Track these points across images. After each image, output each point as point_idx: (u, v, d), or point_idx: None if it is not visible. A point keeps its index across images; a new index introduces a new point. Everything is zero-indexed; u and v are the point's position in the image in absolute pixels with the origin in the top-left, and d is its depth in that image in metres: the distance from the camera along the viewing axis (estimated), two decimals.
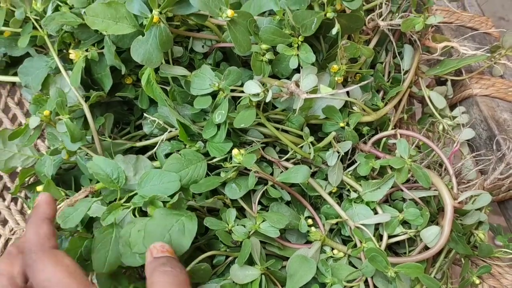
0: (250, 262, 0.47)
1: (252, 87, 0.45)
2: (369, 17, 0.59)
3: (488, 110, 0.61)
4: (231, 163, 0.49)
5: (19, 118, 0.65)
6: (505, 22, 1.79)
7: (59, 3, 0.51)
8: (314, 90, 0.43)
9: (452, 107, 0.66)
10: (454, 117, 0.61)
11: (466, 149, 0.60)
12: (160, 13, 0.45)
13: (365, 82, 0.47)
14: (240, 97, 0.48)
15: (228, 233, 0.49)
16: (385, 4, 0.59)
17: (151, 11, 0.45)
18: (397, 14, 0.59)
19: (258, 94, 0.45)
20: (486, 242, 0.54)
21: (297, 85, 0.43)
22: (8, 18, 0.58)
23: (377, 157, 0.52)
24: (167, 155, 0.52)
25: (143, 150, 0.56)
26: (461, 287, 0.54)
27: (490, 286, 0.55)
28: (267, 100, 0.44)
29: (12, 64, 0.64)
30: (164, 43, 0.46)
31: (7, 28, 0.58)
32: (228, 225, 0.49)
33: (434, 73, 0.61)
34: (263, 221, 0.48)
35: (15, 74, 0.64)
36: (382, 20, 0.58)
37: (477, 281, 0.54)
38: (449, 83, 0.63)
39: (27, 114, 0.65)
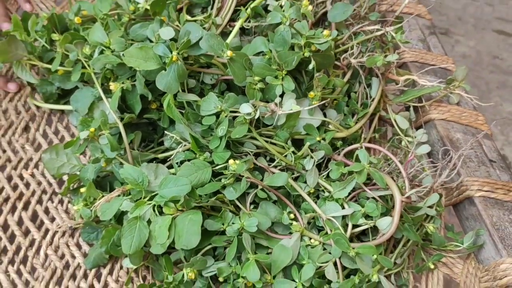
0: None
1: (245, 108, 0.61)
2: (343, 56, 0.74)
3: (444, 131, 0.75)
4: (229, 171, 0.63)
5: (66, 138, 0.81)
6: (500, 61, 1.93)
7: (104, 48, 0.68)
8: (290, 107, 0.58)
9: (418, 128, 0.79)
10: (415, 137, 0.75)
11: (425, 161, 0.73)
12: (178, 53, 0.61)
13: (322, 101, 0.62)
14: (237, 116, 0.63)
15: (224, 231, 0.63)
16: (356, 46, 0.74)
17: (171, 52, 0.62)
18: (365, 54, 0.74)
19: (250, 113, 0.60)
20: (438, 234, 0.66)
21: (276, 105, 0.58)
22: (62, 60, 0.75)
23: (347, 164, 0.66)
24: (182, 162, 0.66)
25: (164, 160, 0.71)
26: (417, 271, 0.66)
27: (443, 273, 0.67)
28: (256, 117, 0.59)
29: (62, 96, 0.81)
30: (180, 76, 0.62)
31: (62, 67, 0.75)
32: (223, 225, 0.63)
33: (398, 100, 0.76)
34: (250, 217, 0.61)
35: (65, 103, 0.81)
36: (354, 58, 0.73)
37: (432, 266, 0.66)
38: (411, 108, 0.77)
39: (72, 136, 0.82)
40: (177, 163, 0.66)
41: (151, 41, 0.66)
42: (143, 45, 0.63)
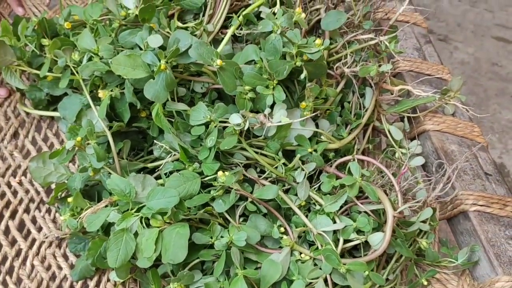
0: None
1: (235, 119, 0.59)
2: (337, 65, 0.73)
3: (438, 143, 0.73)
4: (218, 182, 0.62)
5: (56, 145, 0.80)
6: (499, 68, 1.92)
7: (92, 55, 0.67)
8: (279, 119, 0.57)
9: (413, 139, 0.78)
10: (409, 148, 0.73)
11: (419, 175, 0.72)
12: (166, 62, 0.60)
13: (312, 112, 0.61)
14: (227, 126, 0.62)
15: (212, 244, 0.61)
16: (350, 55, 0.73)
17: (159, 60, 0.60)
18: (359, 63, 0.73)
19: (239, 124, 0.59)
20: (432, 249, 0.65)
21: (266, 116, 0.57)
22: (51, 66, 0.74)
23: (339, 177, 0.65)
24: (171, 173, 0.65)
25: (153, 170, 0.70)
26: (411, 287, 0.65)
27: None
28: (245, 128, 0.58)
29: (52, 102, 0.80)
30: (169, 85, 0.61)
31: (51, 73, 0.74)
32: (212, 238, 0.61)
33: (392, 111, 0.74)
34: (239, 231, 0.60)
35: (54, 110, 0.80)
36: (347, 67, 0.72)
37: (425, 283, 0.64)
38: (405, 119, 0.76)
39: (61, 143, 0.80)
40: (166, 173, 0.65)
41: (140, 49, 0.65)
42: (131, 53, 0.61)
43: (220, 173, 0.60)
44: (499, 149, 1.65)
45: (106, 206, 0.64)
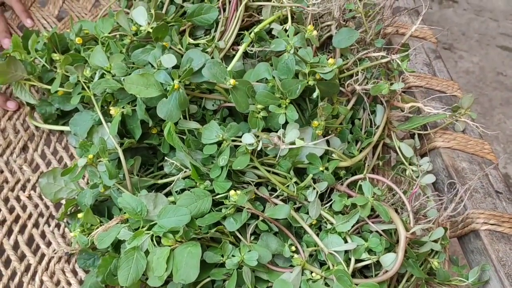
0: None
1: (247, 138, 0.59)
2: (348, 82, 0.73)
3: (449, 160, 0.73)
4: (230, 201, 0.61)
5: (65, 159, 0.80)
6: (504, 77, 1.92)
7: (104, 72, 0.67)
8: (293, 142, 0.57)
9: (423, 155, 0.78)
10: (420, 165, 0.73)
11: (430, 192, 0.72)
12: (180, 82, 0.60)
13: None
14: (239, 145, 0.62)
15: (223, 263, 0.61)
16: (361, 72, 0.73)
17: (173, 80, 0.60)
18: (370, 81, 0.73)
19: (252, 144, 0.59)
20: (443, 269, 0.65)
21: (279, 138, 0.57)
22: (62, 81, 0.74)
23: (350, 196, 0.65)
24: (182, 190, 0.65)
25: (163, 186, 0.70)
26: None
27: None
28: (258, 149, 0.58)
29: (62, 116, 0.80)
30: (182, 104, 0.61)
31: (62, 88, 0.74)
32: (223, 257, 0.61)
33: (403, 128, 0.74)
34: (249, 250, 0.60)
35: (64, 124, 0.80)
36: (358, 85, 0.72)
37: None
38: (416, 136, 0.76)
39: (71, 157, 0.80)
40: (176, 191, 0.65)
41: (152, 66, 0.65)
42: (144, 72, 0.61)
43: (232, 192, 0.60)
44: (504, 159, 1.65)
45: (117, 223, 0.64)
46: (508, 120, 1.75)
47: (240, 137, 0.62)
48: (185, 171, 0.66)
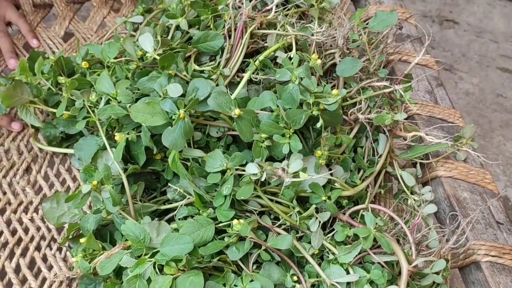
0: None
1: (251, 168, 0.60)
2: (350, 111, 0.74)
3: (450, 190, 0.74)
4: (232, 230, 0.62)
5: (68, 182, 0.80)
6: (503, 99, 1.93)
7: (110, 98, 0.68)
8: (297, 175, 0.57)
9: (425, 184, 0.78)
10: (422, 194, 0.74)
11: (431, 222, 0.72)
12: (185, 111, 0.61)
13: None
14: (243, 174, 0.62)
15: None
16: (364, 101, 0.73)
17: (178, 109, 0.61)
18: (373, 109, 0.74)
19: (256, 174, 0.59)
20: None
21: (283, 170, 0.57)
22: (67, 104, 0.75)
23: (353, 226, 0.65)
24: (185, 217, 0.65)
25: (166, 211, 0.70)
26: None
27: None
28: (262, 180, 0.59)
29: (66, 138, 0.80)
30: (187, 133, 0.61)
31: (67, 112, 0.74)
32: (225, 286, 0.61)
33: (405, 157, 0.75)
34: (251, 280, 0.60)
35: (68, 146, 0.80)
36: (361, 114, 0.72)
37: None
38: (418, 165, 0.76)
39: (74, 179, 0.81)
40: (179, 218, 0.65)
41: (159, 95, 0.66)
42: (150, 100, 0.62)
43: (235, 221, 0.61)
44: (503, 182, 1.65)
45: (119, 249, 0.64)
46: (508, 142, 1.76)
47: (244, 165, 0.63)
48: (188, 198, 0.67)
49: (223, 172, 0.63)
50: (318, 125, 0.65)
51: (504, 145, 1.75)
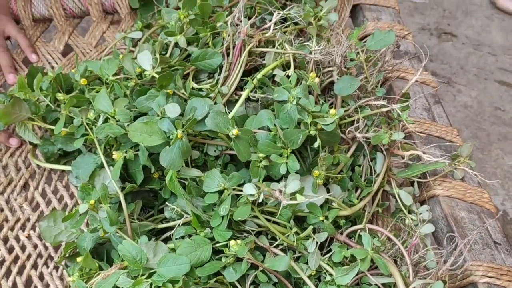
0: None
1: (249, 189, 0.60)
2: (348, 129, 0.74)
3: (448, 209, 0.74)
4: (230, 251, 0.61)
5: (65, 198, 0.80)
6: (502, 112, 1.93)
7: (108, 116, 0.68)
8: (295, 197, 0.57)
9: (422, 203, 0.78)
10: (420, 213, 0.74)
11: (429, 241, 0.72)
12: (183, 131, 0.61)
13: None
14: (240, 194, 0.62)
15: None
16: (362, 119, 0.74)
17: (176, 129, 0.61)
18: (371, 128, 0.74)
19: (253, 195, 0.59)
20: None
21: (281, 191, 0.57)
22: (65, 121, 0.75)
23: (350, 246, 0.65)
24: (182, 237, 0.65)
25: (163, 230, 0.70)
26: None
27: None
28: (259, 201, 0.58)
29: (64, 155, 0.80)
30: (184, 153, 0.61)
31: (65, 129, 0.74)
32: None
33: (402, 175, 0.75)
34: None
35: (65, 163, 0.80)
36: (359, 132, 0.73)
37: None
38: (415, 184, 0.77)
39: (71, 196, 0.80)
40: (176, 238, 0.65)
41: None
42: (148, 120, 0.62)
43: (232, 242, 0.60)
44: (502, 196, 1.65)
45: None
46: (506, 155, 1.76)
47: (242, 185, 0.63)
48: (185, 217, 0.67)
49: (220, 192, 0.63)
50: (316, 145, 0.65)
51: (503, 159, 1.75)
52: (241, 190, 0.62)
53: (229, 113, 0.71)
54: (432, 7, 2.33)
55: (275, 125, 0.66)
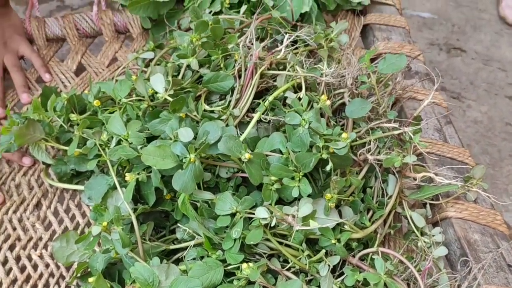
0: None
1: (261, 213, 0.60)
2: (360, 151, 0.74)
3: (461, 231, 0.73)
4: (242, 273, 0.61)
5: (77, 217, 0.80)
6: None
7: (121, 139, 0.68)
8: (307, 223, 0.57)
9: (435, 225, 0.78)
10: (433, 235, 0.73)
11: (442, 264, 0.72)
12: (195, 155, 0.61)
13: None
14: (253, 217, 0.62)
15: None
16: (373, 141, 0.74)
17: (189, 153, 0.62)
18: (383, 150, 0.74)
19: (266, 218, 0.59)
20: None
21: (293, 217, 0.57)
22: (79, 142, 0.75)
23: (363, 269, 0.65)
24: (193, 259, 0.65)
25: (175, 250, 0.70)
26: None
27: None
28: (272, 225, 0.59)
29: (76, 174, 0.81)
30: (197, 176, 0.62)
31: (78, 149, 0.75)
32: None
33: (414, 197, 0.74)
34: None
35: (78, 182, 0.81)
36: (370, 154, 0.73)
37: None
38: (428, 206, 0.76)
39: (83, 215, 0.81)
40: (188, 260, 0.65)
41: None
42: (161, 144, 0.63)
43: (244, 265, 0.60)
44: None
45: None
46: None
47: (254, 207, 0.63)
48: (197, 238, 0.67)
49: (232, 215, 0.64)
50: (328, 168, 0.65)
51: None
52: (253, 213, 0.62)
53: (240, 135, 0.72)
54: (440, 22, 2.33)
55: (287, 149, 0.66)
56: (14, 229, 0.78)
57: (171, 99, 0.69)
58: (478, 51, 2.20)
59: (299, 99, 0.74)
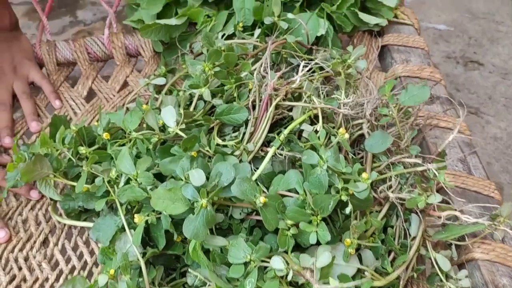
0: None
1: (277, 263, 0.56)
2: (380, 188, 0.70)
3: (488, 275, 0.69)
4: None
5: (85, 256, 0.77)
6: None
7: (130, 178, 0.65)
8: (327, 281, 0.53)
9: (460, 266, 0.73)
10: (459, 279, 0.69)
11: None
12: (207, 200, 0.58)
13: None
14: (267, 266, 0.58)
15: None
16: (394, 178, 0.70)
17: (200, 197, 0.58)
18: (405, 187, 0.70)
19: (281, 270, 0.56)
20: None
21: (311, 271, 0.54)
22: (87, 177, 0.73)
23: None
24: None
25: None
26: None
27: None
28: (288, 279, 0.55)
29: (85, 211, 0.78)
30: (209, 222, 0.58)
31: (87, 185, 0.72)
32: None
33: (439, 237, 0.70)
34: None
35: (85, 219, 0.78)
36: (392, 192, 0.69)
37: None
38: (453, 247, 0.72)
39: (91, 253, 0.78)
40: None
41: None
42: (171, 187, 0.60)
43: None
44: None
45: None
46: None
47: (271, 251, 0.59)
48: (208, 285, 0.63)
49: (246, 263, 0.60)
50: (347, 210, 0.62)
51: None
52: (268, 261, 0.58)
53: (255, 170, 0.69)
54: (457, 34, 2.28)
55: (303, 189, 0.62)
56: (20, 269, 0.75)
57: (182, 134, 0.66)
58: (495, 64, 2.14)
59: (316, 131, 0.71)
